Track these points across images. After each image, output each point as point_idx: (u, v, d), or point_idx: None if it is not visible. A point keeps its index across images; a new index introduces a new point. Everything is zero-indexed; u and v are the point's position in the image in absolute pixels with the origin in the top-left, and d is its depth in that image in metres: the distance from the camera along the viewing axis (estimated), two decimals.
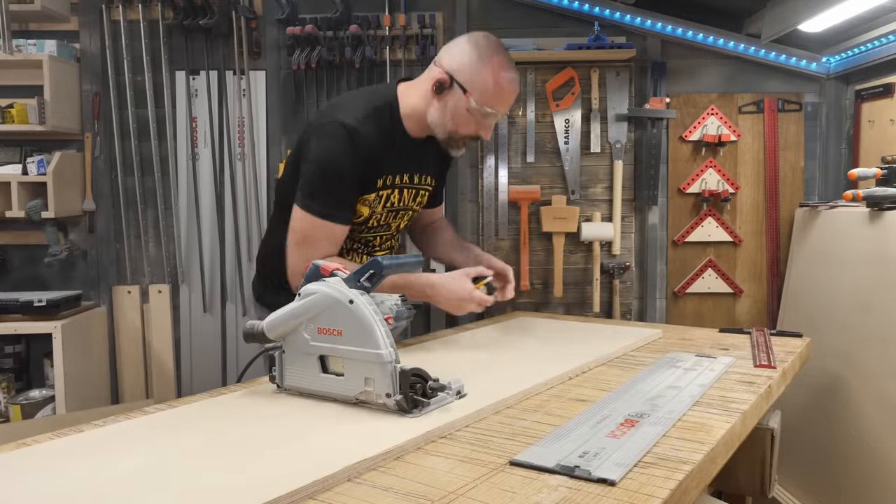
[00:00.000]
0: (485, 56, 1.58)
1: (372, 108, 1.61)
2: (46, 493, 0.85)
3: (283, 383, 1.27)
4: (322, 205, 1.56)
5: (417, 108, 1.65)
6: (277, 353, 1.27)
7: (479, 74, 1.58)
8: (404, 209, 1.79)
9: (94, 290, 3.00)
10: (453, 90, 1.60)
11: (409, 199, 1.78)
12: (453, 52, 1.62)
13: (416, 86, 1.68)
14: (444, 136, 1.66)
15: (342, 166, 1.54)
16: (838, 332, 2.26)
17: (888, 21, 2.42)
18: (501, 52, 1.61)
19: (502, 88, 1.60)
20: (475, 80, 1.58)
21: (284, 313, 1.22)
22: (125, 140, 2.97)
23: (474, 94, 1.58)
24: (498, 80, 1.59)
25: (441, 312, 2.97)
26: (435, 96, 1.61)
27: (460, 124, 1.63)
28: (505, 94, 1.62)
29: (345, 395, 1.18)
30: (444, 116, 1.63)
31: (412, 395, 1.12)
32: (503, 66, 1.60)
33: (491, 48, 1.60)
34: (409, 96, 1.66)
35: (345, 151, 1.54)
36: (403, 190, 1.73)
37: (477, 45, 1.60)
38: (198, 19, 2.86)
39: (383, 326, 1.13)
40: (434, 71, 1.63)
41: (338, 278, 1.20)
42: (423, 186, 1.80)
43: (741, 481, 1.61)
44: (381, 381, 1.12)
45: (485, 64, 1.58)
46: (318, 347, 1.20)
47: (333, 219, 1.58)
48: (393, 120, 1.65)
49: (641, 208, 2.93)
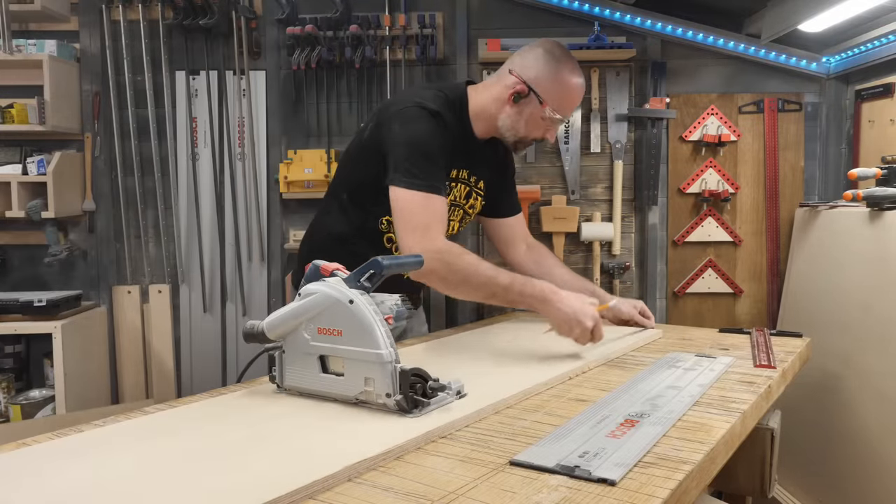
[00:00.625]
0: (561, 66, 1.67)
1: (446, 99, 1.67)
2: (46, 493, 0.85)
3: (284, 383, 1.27)
4: (428, 177, 1.55)
5: (487, 110, 1.71)
6: (277, 353, 1.27)
7: (556, 84, 1.67)
8: (458, 205, 1.82)
9: (94, 290, 3.00)
10: (530, 99, 1.67)
11: (462, 195, 1.81)
12: (529, 62, 1.68)
13: (485, 88, 1.74)
14: (514, 139, 1.73)
15: (433, 144, 1.58)
16: (838, 332, 2.26)
17: (888, 21, 2.42)
18: (572, 60, 1.70)
19: (575, 96, 1.72)
20: (553, 90, 1.67)
21: (284, 313, 1.22)
22: (125, 140, 2.97)
23: (551, 103, 1.67)
24: (572, 89, 1.70)
25: (441, 312, 2.97)
26: (511, 104, 1.68)
27: (532, 130, 1.71)
28: (576, 101, 1.75)
29: (345, 395, 1.18)
30: (517, 122, 1.70)
31: (412, 395, 1.12)
32: (575, 73, 1.69)
33: (564, 57, 1.69)
34: (478, 96, 1.72)
35: (433, 131, 1.58)
36: (460, 185, 1.78)
37: (553, 55, 1.68)
38: (198, 19, 2.86)
39: (383, 326, 1.13)
40: (509, 79, 1.69)
41: (338, 278, 1.20)
42: (475, 188, 1.84)
43: (741, 481, 1.61)
44: (381, 381, 1.12)
45: (561, 74, 1.67)
46: (319, 347, 1.20)
47: (440, 191, 1.58)
48: (462, 115, 1.71)
49: (641, 208, 2.93)
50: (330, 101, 2.92)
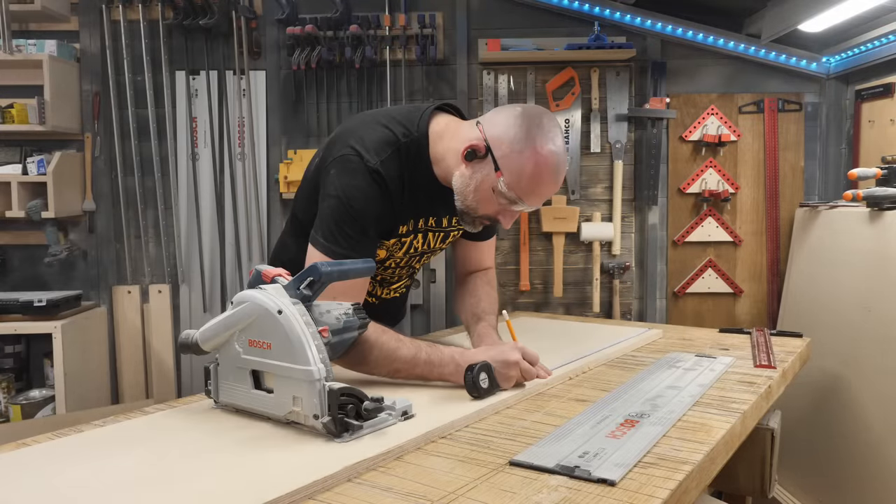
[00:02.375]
0: (532, 135, 1.31)
1: (398, 143, 1.39)
2: (46, 493, 0.85)
3: (219, 399, 1.18)
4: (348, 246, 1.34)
5: (445, 160, 1.40)
6: (213, 366, 1.18)
7: (518, 155, 1.31)
8: (429, 251, 1.60)
9: (94, 290, 3.00)
10: (485, 162, 1.34)
11: (437, 241, 1.58)
12: (498, 120, 1.35)
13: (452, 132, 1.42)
14: (462, 207, 1.40)
15: (367, 211, 1.35)
16: (838, 332, 2.26)
17: (888, 21, 2.42)
18: (555, 138, 1.33)
19: (540, 179, 1.32)
20: (511, 161, 1.31)
21: (216, 323, 1.13)
22: (125, 140, 2.97)
23: (506, 176, 1.32)
24: (538, 168, 1.31)
25: (441, 312, 2.97)
26: (464, 161, 1.35)
27: (480, 201, 1.37)
28: (541, 188, 1.34)
29: (275, 415, 1.09)
30: (466, 187, 1.37)
31: (342, 418, 1.01)
32: (550, 154, 1.31)
33: (542, 128, 1.32)
34: (442, 140, 1.42)
35: (369, 197, 1.35)
36: (428, 234, 1.53)
37: (529, 120, 1.32)
38: (198, 19, 2.86)
39: (316, 340, 1.04)
40: (472, 132, 1.37)
41: (277, 285, 1.10)
42: (454, 228, 1.58)
43: (741, 481, 1.61)
44: (308, 400, 1.02)
45: (529, 147, 1.30)
46: (250, 361, 1.10)
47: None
48: (419, 159, 1.41)
49: (641, 208, 2.93)
50: (330, 101, 2.92)
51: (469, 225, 1.45)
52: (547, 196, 1.39)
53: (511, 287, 2.96)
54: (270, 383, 1.10)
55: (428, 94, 2.92)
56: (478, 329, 1.55)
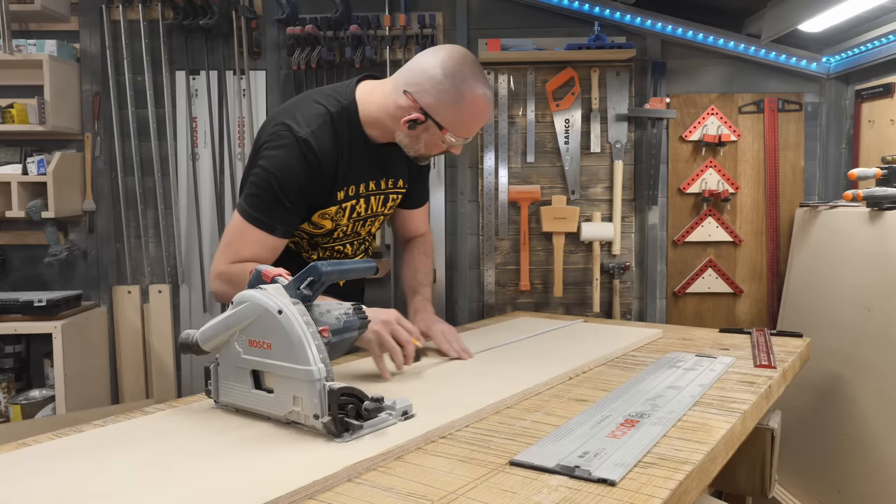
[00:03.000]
0: (459, 86, 1.43)
1: (329, 114, 1.49)
2: (46, 493, 0.85)
3: (219, 399, 1.19)
4: (261, 213, 1.45)
5: (381, 121, 1.52)
6: (213, 366, 1.18)
7: (455, 108, 1.45)
8: (373, 216, 1.69)
9: (94, 290, 3.00)
10: (428, 125, 1.47)
11: (378, 205, 1.67)
12: (426, 84, 1.45)
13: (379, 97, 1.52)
14: (413, 155, 1.56)
15: (289, 180, 1.44)
16: (838, 332, 2.26)
17: (888, 21, 2.42)
18: (476, 74, 1.46)
19: (477, 117, 1.49)
20: (451, 117, 1.46)
21: (217, 323, 1.14)
22: (125, 140, 2.97)
23: (452, 130, 1.47)
24: (475, 112, 1.47)
25: (441, 312, 2.97)
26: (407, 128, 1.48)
27: (430, 149, 1.53)
28: (479, 122, 1.51)
29: (275, 415, 1.09)
30: (416, 144, 1.52)
31: (342, 418, 1.01)
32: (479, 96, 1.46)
33: (464, 73, 1.44)
34: (371, 104, 1.52)
35: (293, 166, 1.44)
36: (370, 198, 1.63)
37: (453, 76, 1.43)
38: (198, 19, 2.86)
39: (316, 340, 1.04)
40: (402, 100, 1.47)
41: (277, 285, 1.11)
42: (393, 191, 1.69)
43: (741, 481, 1.61)
44: (308, 400, 1.02)
45: (461, 97, 1.44)
46: (250, 361, 1.11)
47: (270, 230, 1.46)
48: (351, 126, 1.52)
49: (641, 208, 2.93)
50: None
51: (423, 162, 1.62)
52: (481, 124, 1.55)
53: (511, 287, 2.96)
54: (270, 383, 1.10)
55: None
56: (414, 303, 1.71)
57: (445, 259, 2.97)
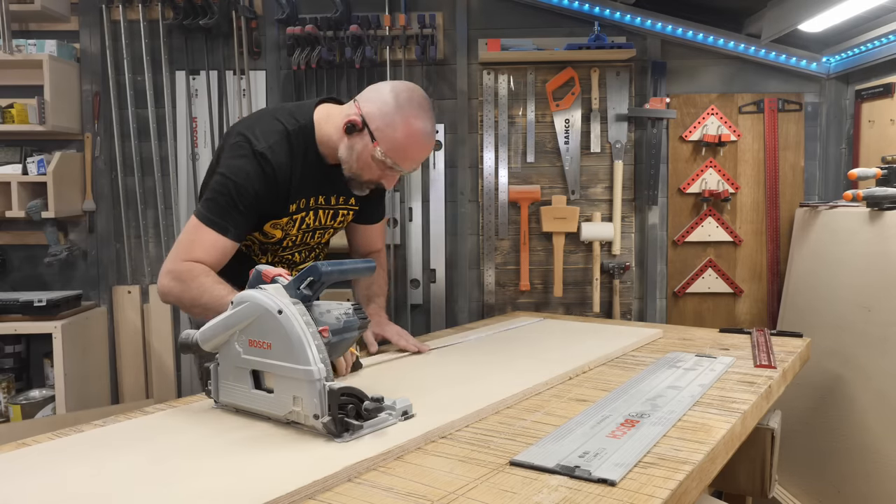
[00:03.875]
0: (402, 110, 1.51)
1: (286, 132, 1.57)
2: (46, 493, 0.85)
3: (219, 399, 1.19)
4: (215, 215, 1.51)
5: (331, 139, 1.59)
6: (213, 365, 1.18)
7: (390, 127, 1.51)
8: (322, 228, 1.75)
9: (94, 290, 3.00)
10: (363, 134, 1.53)
11: (327, 219, 1.74)
12: (372, 96, 1.55)
13: (334, 115, 1.61)
14: (349, 174, 1.60)
15: (246, 187, 1.51)
16: (838, 332, 2.26)
17: (888, 21, 2.42)
18: (422, 110, 1.53)
19: (411, 146, 1.53)
20: (385, 131, 1.51)
21: (216, 323, 1.14)
22: (125, 140, 2.97)
23: (382, 145, 1.52)
24: (409, 137, 1.52)
25: (441, 312, 2.97)
26: (345, 135, 1.55)
27: (364, 169, 1.57)
28: (413, 153, 1.55)
29: (276, 415, 1.09)
30: (350, 157, 1.56)
31: (342, 418, 1.01)
32: (418, 124, 1.52)
33: (411, 103, 1.52)
34: (326, 124, 1.61)
35: (250, 175, 1.51)
36: (319, 211, 1.69)
37: (397, 96, 1.52)
38: (198, 19, 2.86)
39: (316, 340, 1.04)
40: (351, 109, 1.57)
41: (277, 285, 1.11)
42: (341, 206, 1.74)
43: (741, 481, 1.61)
44: (308, 400, 1.02)
45: (400, 117, 1.51)
46: (250, 361, 1.11)
47: (223, 231, 1.51)
48: (307, 144, 1.60)
49: (641, 208, 2.93)
50: None
51: (357, 189, 1.64)
52: (419, 161, 1.60)
53: (511, 287, 2.96)
54: (270, 383, 1.10)
55: (428, 94, 2.89)
56: (368, 310, 1.74)
57: (445, 259, 2.97)
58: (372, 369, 1.51)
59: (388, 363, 1.57)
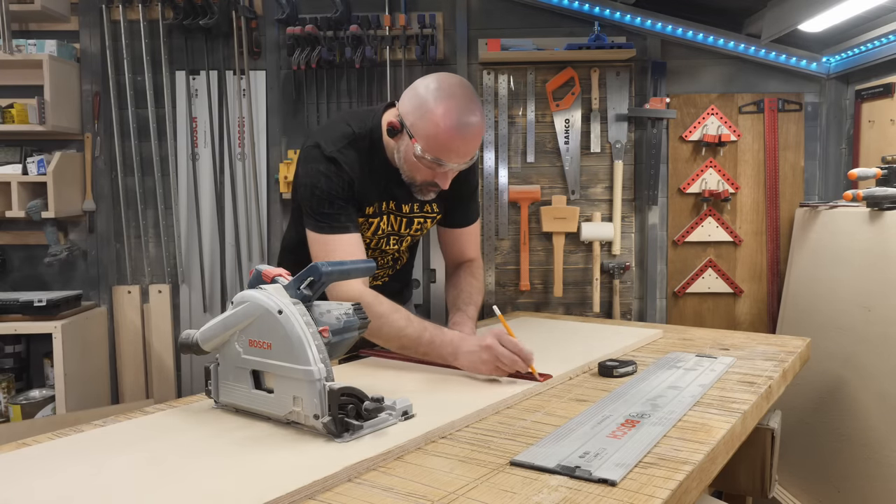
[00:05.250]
0: (434, 101, 1.44)
1: (353, 135, 1.56)
2: (46, 493, 0.85)
3: (219, 399, 1.19)
4: (326, 220, 1.52)
5: (389, 145, 1.57)
6: (213, 366, 1.19)
7: (423, 120, 1.45)
8: (396, 234, 1.71)
9: (94, 290, 3.00)
10: (403, 134, 1.49)
11: (400, 226, 1.69)
12: (407, 93, 1.51)
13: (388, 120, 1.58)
14: (406, 179, 1.57)
15: (332, 184, 1.52)
16: (839, 332, 2.26)
17: (888, 21, 2.42)
18: (457, 99, 1.45)
19: (449, 138, 1.44)
20: (419, 126, 1.45)
21: (216, 323, 1.14)
22: (125, 140, 2.97)
23: (420, 141, 1.46)
24: (445, 128, 1.43)
25: (441, 312, 2.97)
26: (391, 139, 1.53)
27: (413, 170, 1.52)
28: (452, 145, 1.46)
29: (276, 415, 1.10)
30: (399, 160, 1.53)
31: (342, 418, 1.02)
32: (452, 114, 1.43)
33: (442, 92, 1.44)
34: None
35: (329, 174, 1.52)
36: (391, 216, 1.67)
37: (427, 87, 1.46)
38: (198, 19, 2.86)
39: (316, 340, 1.04)
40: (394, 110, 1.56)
41: (278, 285, 1.11)
42: (416, 215, 1.70)
43: (741, 481, 1.61)
44: (308, 400, 1.03)
45: (432, 109, 1.43)
46: (250, 361, 1.11)
47: (344, 230, 1.53)
48: (373, 147, 1.57)
49: (641, 208, 2.93)
50: (330, 101, 2.92)
51: (420, 194, 1.59)
52: (463, 152, 1.49)
53: (511, 287, 2.96)
54: (271, 383, 1.10)
55: None
56: (454, 318, 1.69)
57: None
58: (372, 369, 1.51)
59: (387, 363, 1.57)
